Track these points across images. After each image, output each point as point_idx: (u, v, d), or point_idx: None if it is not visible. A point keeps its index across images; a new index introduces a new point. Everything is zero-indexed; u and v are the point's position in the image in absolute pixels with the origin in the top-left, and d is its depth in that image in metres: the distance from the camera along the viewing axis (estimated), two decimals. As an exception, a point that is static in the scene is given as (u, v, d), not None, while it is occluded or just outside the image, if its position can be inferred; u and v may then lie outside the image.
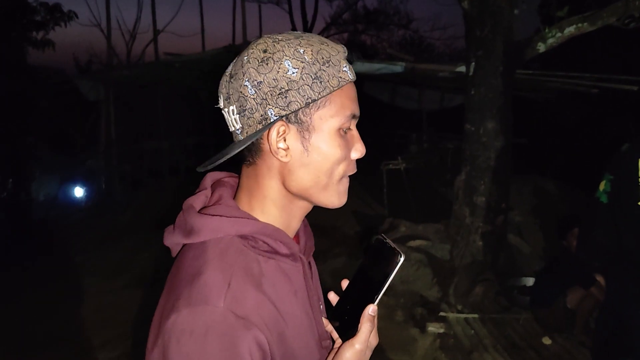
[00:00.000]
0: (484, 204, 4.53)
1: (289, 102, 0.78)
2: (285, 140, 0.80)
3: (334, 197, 0.85)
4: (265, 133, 0.80)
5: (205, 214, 0.82)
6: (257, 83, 0.78)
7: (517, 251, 5.33)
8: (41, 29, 9.42)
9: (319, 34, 0.85)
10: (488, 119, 4.43)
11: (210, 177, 0.94)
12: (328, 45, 0.81)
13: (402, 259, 0.79)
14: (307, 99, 0.78)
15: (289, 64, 0.78)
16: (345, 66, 0.81)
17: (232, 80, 0.81)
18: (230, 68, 0.84)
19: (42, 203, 9.28)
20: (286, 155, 0.81)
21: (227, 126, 0.87)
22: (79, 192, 9.55)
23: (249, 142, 0.81)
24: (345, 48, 0.84)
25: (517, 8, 4.43)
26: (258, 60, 0.79)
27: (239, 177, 0.90)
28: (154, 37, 10.08)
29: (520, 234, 5.69)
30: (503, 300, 4.43)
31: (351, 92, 0.83)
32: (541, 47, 4.36)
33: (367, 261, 0.88)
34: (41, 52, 9.33)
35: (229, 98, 0.82)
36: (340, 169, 0.84)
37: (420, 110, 10.35)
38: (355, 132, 0.86)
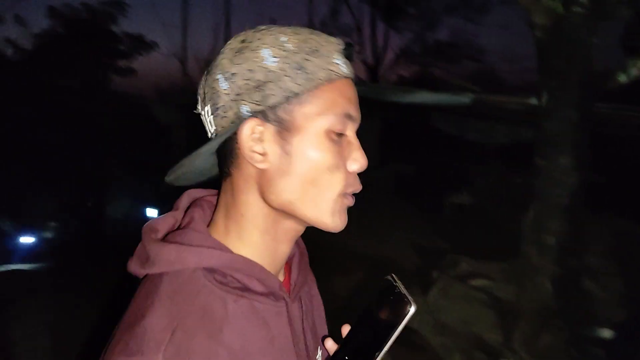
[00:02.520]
0: (554, 244, 4.21)
1: (266, 96, 0.64)
2: (262, 143, 0.66)
3: (326, 215, 0.68)
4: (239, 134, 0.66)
5: (166, 241, 0.68)
6: (231, 75, 0.66)
7: (592, 298, 4.91)
8: (124, 58, 10.05)
9: (389, 66, 0.75)
10: (561, 153, 4.15)
11: (187, 196, 0.79)
12: (319, 35, 0.68)
13: (412, 310, 0.66)
14: (288, 92, 0.64)
15: (268, 52, 0.65)
16: (338, 59, 0.67)
17: (207, 76, 0.69)
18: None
19: (120, 222, 9.68)
20: (263, 160, 0.66)
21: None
22: (152, 213, 9.90)
23: (215, 146, 0.68)
24: (342, 41, 0.70)
25: (596, 36, 4.17)
26: (234, 51, 0.67)
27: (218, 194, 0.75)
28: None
29: (596, 279, 5.25)
30: (573, 352, 4.06)
31: (347, 90, 0.68)
32: (622, 78, 4.07)
33: (373, 306, 0.72)
34: (124, 79, 9.94)
35: (205, 98, 0.69)
36: (335, 181, 0.67)
37: (488, 143, 10.00)
38: (353, 139, 0.70)
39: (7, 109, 9.87)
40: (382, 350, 0.66)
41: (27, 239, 8.18)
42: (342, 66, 0.68)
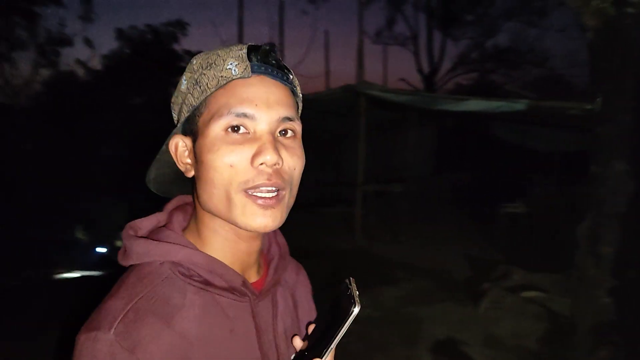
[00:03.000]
0: (612, 255, 4.01)
1: (181, 115, 0.75)
2: (190, 155, 0.75)
3: (237, 215, 0.70)
4: None
5: (141, 237, 0.76)
6: (172, 105, 0.78)
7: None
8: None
9: (446, 74, 0.76)
10: (617, 159, 3.96)
11: (176, 200, 0.86)
12: (225, 49, 0.73)
13: (355, 311, 0.68)
14: (190, 107, 0.73)
15: (184, 78, 0.75)
16: (232, 64, 0.70)
17: None
18: None
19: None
20: (190, 170, 0.76)
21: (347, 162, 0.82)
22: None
23: (161, 163, 0.79)
24: (244, 46, 0.73)
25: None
26: (178, 85, 0.78)
27: None
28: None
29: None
30: (633, 369, 3.83)
31: (240, 89, 0.70)
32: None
33: (329, 307, 0.76)
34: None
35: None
36: (234, 180, 0.69)
37: (547, 151, 9.64)
38: (260, 135, 0.70)
39: (79, 125, 10.53)
40: (328, 347, 0.69)
41: (100, 248, 8.65)
42: (233, 70, 0.70)
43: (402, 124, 9.87)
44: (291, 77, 0.77)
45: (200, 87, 0.72)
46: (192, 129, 0.73)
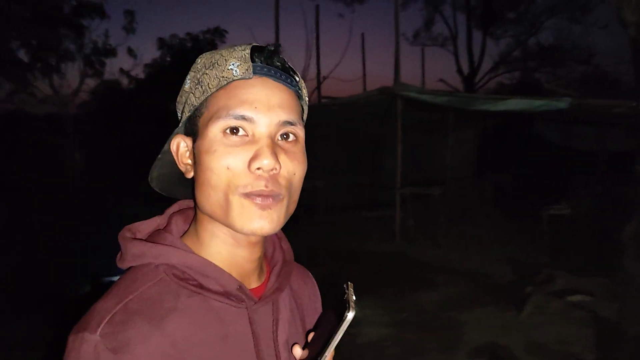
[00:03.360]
0: (661, 258, 3.84)
1: (183, 114, 0.74)
2: (191, 155, 0.73)
3: (233, 219, 0.68)
4: None
5: (136, 239, 0.75)
6: (177, 104, 0.78)
7: None
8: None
9: (486, 75, 0.73)
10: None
11: (177, 204, 0.85)
12: (229, 48, 0.72)
13: (349, 316, 0.65)
14: (191, 106, 0.72)
15: (188, 77, 0.74)
16: (234, 64, 0.69)
17: None
18: None
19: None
20: (190, 170, 0.74)
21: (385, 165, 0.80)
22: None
23: (164, 163, 0.78)
24: (251, 46, 0.71)
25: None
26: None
27: None
28: (317, 85, 10.74)
29: None
30: (685, 378, 3.65)
31: (241, 91, 0.68)
32: None
33: (327, 312, 0.73)
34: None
35: None
36: (231, 182, 0.67)
37: (592, 150, 9.30)
38: (259, 138, 0.68)
39: (124, 132, 10.88)
40: (323, 353, 0.67)
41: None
42: (234, 70, 0.69)
43: (440, 126, 9.75)
44: (297, 79, 0.75)
45: (201, 86, 0.71)
46: (193, 129, 0.72)
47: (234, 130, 0.68)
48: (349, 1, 19.24)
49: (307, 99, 0.78)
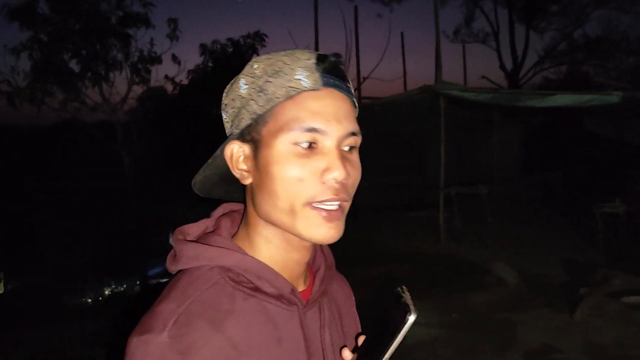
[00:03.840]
0: None
1: (240, 120, 0.73)
2: (246, 162, 0.74)
3: (301, 227, 0.70)
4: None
5: (190, 241, 0.77)
6: (225, 106, 0.77)
7: None
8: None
9: (531, 69, 0.72)
10: None
11: (222, 208, 0.87)
12: (291, 56, 0.71)
13: (411, 319, 0.65)
14: (253, 114, 0.71)
15: (243, 81, 0.73)
16: (301, 74, 0.69)
17: None
18: None
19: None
20: (247, 177, 0.74)
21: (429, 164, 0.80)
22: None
23: (210, 166, 0.78)
24: (313, 56, 0.71)
25: None
26: (229, 85, 0.76)
27: None
28: (358, 86, 10.72)
29: None
30: None
31: (310, 102, 0.69)
32: None
33: (382, 315, 0.73)
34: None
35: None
36: (300, 193, 0.68)
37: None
38: (329, 150, 0.69)
39: (170, 136, 11.15)
40: (383, 355, 0.67)
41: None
42: (304, 81, 0.69)
43: (485, 123, 9.57)
44: (352, 88, 0.76)
45: (265, 95, 0.70)
46: (253, 137, 0.72)
47: (305, 143, 0.68)
48: (387, 1, 19.16)
49: (357, 106, 0.79)
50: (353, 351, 0.78)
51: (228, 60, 11.29)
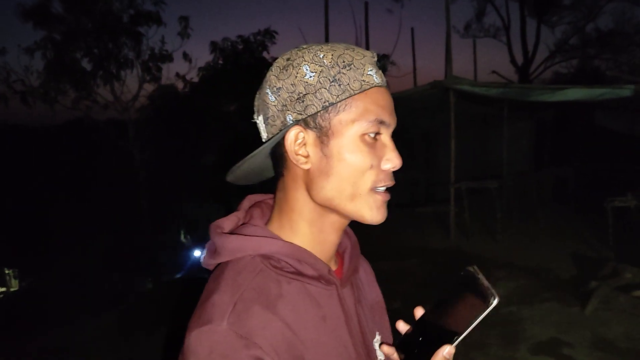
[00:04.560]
0: None
1: (306, 106, 0.74)
2: (305, 147, 0.76)
3: (365, 210, 0.76)
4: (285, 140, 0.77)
5: (229, 234, 0.80)
6: (277, 89, 0.76)
7: None
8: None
9: (542, 64, 0.78)
10: None
11: (248, 200, 0.91)
12: (353, 50, 0.77)
13: (495, 302, 0.68)
14: (325, 102, 0.74)
15: (307, 68, 0.75)
16: (371, 70, 0.75)
17: (259, 91, 0.81)
18: None
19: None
20: (306, 162, 0.77)
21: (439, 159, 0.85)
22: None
23: (267, 149, 0.79)
24: (374, 53, 0.78)
25: None
26: (280, 68, 0.77)
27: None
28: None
29: None
30: None
31: (378, 97, 0.76)
32: None
33: (452, 294, 0.75)
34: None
35: (258, 108, 0.81)
36: (367, 179, 0.75)
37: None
38: (387, 141, 0.78)
39: (181, 134, 11.23)
40: (461, 335, 0.69)
41: (198, 252, 9.17)
42: (374, 77, 0.76)
43: (495, 118, 9.53)
44: None
45: (340, 85, 0.73)
46: (321, 125, 0.75)
47: (373, 133, 0.76)
48: (398, -4, 19.04)
49: None
50: (412, 324, 0.80)
51: (238, 58, 11.34)
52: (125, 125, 10.89)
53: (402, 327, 0.81)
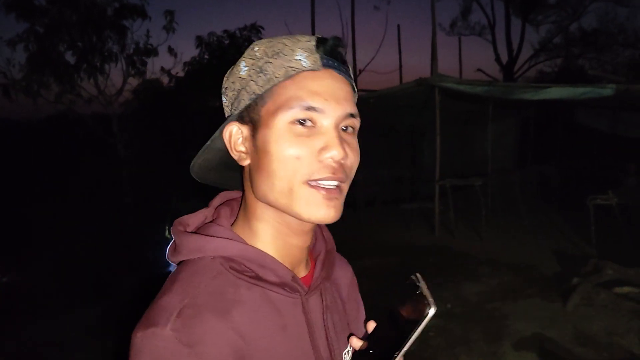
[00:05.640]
0: None
1: (240, 101, 0.72)
2: (244, 143, 0.74)
3: (299, 206, 0.69)
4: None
5: (191, 232, 0.76)
6: (225, 90, 0.76)
7: None
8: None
9: (526, 62, 0.71)
10: None
11: (220, 197, 0.86)
12: (290, 39, 0.72)
13: (431, 312, 0.63)
14: (252, 94, 0.71)
15: (243, 63, 0.73)
16: (301, 55, 0.69)
17: None
18: None
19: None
20: (245, 158, 0.74)
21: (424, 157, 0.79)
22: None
23: (205, 149, 0.77)
24: (312, 37, 0.72)
25: None
26: (230, 69, 0.76)
27: None
28: (354, 78, 10.70)
29: None
30: None
31: (309, 82, 0.69)
32: None
33: (396, 304, 0.70)
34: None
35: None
36: (298, 171, 0.68)
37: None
38: (327, 129, 0.69)
39: (166, 129, 11.15)
40: (401, 350, 0.65)
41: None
42: (303, 61, 0.69)
43: (480, 116, 9.61)
44: (351, 72, 0.76)
45: (265, 75, 0.70)
46: (252, 118, 0.72)
47: (303, 121, 0.69)
48: (385, -7, 19.08)
49: (357, 92, 0.79)
50: (363, 338, 0.77)
51: (224, 52, 11.29)
52: (109, 119, 10.78)
53: (355, 343, 0.78)
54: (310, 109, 0.68)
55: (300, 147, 0.68)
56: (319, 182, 0.69)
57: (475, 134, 10.71)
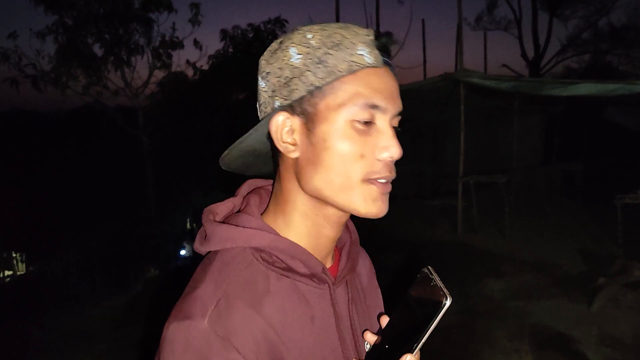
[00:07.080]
0: None
1: (292, 91, 0.69)
2: (292, 134, 0.71)
3: (357, 202, 0.70)
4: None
5: (221, 222, 0.76)
6: (266, 74, 0.72)
7: None
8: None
9: (553, 58, 0.70)
10: None
11: (247, 185, 0.86)
12: (347, 29, 0.70)
13: (447, 303, 0.63)
14: (310, 85, 0.68)
15: (294, 50, 0.69)
16: (363, 50, 0.68)
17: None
18: None
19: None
20: (294, 150, 0.71)
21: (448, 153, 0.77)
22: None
23: (254, 136, 0.74)
24: (370, 31, 0.70)
25: None
26: (270, 52, 0.73)
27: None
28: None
29: None
30: None
31: (372, 79, 0.68)
32: None
33: (410, 297, 0.71)
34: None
35: (256, 95, 0.76)
36: (358, 169, 0.68)
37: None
38: (384, 128, 0.70)
39: (191, 122, 11.25)
40: (419, 341, 0.66)
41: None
42: (366, 57, 0.68)
43: (505, 112, 9.49)
44: None
45: (325, 67, 0.68)
46: (306, 110, 0.70)
47: (365, 119, 0.68)
48: (410, -13, 18.87)
49: None
50: (377, 333, 0.78)
51: (248, 46, 11.31)
52: (134, 111, 10.92)
53: (370, 337, 0.78)
54: (373, 107, 0.68)
55: (363, 145, 0.69)
56: (376, 179, 0.70)
57: (499, 130, 10.57)
